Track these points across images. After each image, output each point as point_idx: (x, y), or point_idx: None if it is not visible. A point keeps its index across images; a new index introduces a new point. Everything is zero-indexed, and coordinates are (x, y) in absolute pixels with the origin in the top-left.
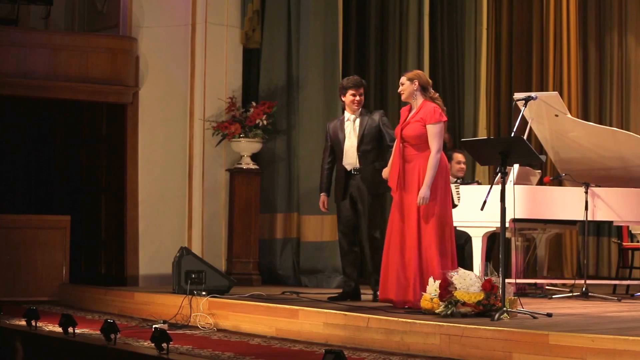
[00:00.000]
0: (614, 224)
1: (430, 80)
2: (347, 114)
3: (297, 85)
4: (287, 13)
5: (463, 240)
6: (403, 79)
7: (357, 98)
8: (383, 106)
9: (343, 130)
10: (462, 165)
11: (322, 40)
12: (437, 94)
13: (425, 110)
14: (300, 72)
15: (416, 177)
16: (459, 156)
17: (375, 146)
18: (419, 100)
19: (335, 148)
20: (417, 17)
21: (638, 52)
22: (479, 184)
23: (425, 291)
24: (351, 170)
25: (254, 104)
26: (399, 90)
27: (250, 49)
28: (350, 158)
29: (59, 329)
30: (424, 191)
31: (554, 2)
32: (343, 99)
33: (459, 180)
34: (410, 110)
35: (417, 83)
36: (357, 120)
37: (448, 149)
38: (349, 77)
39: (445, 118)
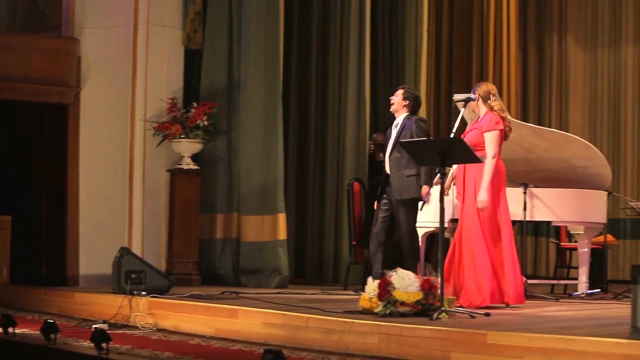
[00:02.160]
0: (552, 224)
1: (491, 90)
2: (396, 119)
3: (238, 86)
4: (228, 14)
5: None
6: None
7: (391, 99)
8: (323, 106)
9: (390, 135)
10: None
11: (264, 42)
12: (498, 103)
13: (485, 119)
14: (242, 73)
15: (472, 183)
16: None
17: (406, 154)
18: (483, 110)
19: None
20: (359, 18)
21: (577, 53)
22: None
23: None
24: (388, 175)
25: (195, 104)
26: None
27: (192, 50)
28: (387, 164)
29: None
30: (482, 195)
31: (494, 3)
32: None
33: None
34: (477, 120)
35: (478, 95)
36: (398, 127)
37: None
38: None
39: (501, 127)
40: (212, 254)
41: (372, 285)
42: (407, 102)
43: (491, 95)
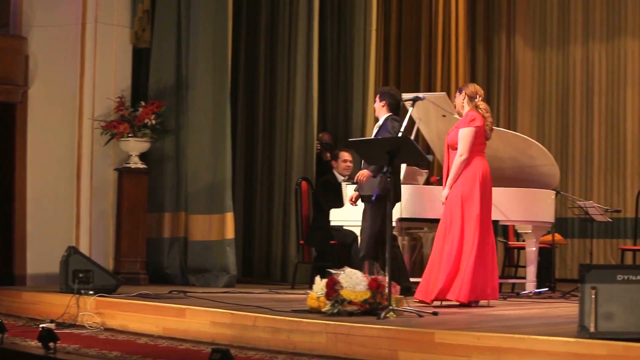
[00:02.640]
0: (500, 223)
1: (478, 91)
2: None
3: (186, 85)
4: (177, 13)
5: (350, 240)
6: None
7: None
8: (271, 106)
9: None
10: (349, 164)
11: (212, 41)
12: (484, 103)
13: (464, 117)
14: (190, 72)
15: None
16: (345, 155)
17: None
18: (466, 109)
19: None
20: (307, 17)
21: (526, 53)
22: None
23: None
24: None
25: (143, 103)
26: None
27: (140, 49)
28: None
29: None
30: (444, 191)
31: (442, 3)
32: None
33: (349, 180)
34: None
35: (464, 94)
36: (378, 128)
37: (330, 147)
38: None
39: (478, 124)
40: (160, 253)
41: (319, 284)
42: (384, 102)
43: (478, 96)
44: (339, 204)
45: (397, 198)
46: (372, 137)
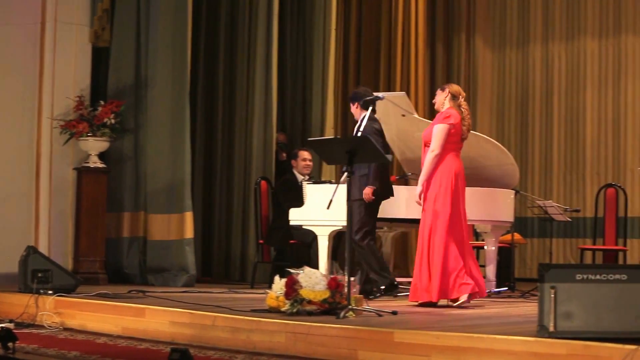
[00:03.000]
0: None
1: (461, 92)
2: None
3: (145, 85)
4: (136, 12)
5: (310, 239)
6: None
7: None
8: (230, 105)
9: None
10: (308, 162)
11: (171, 40)
12: (465, 103)
13: (440, 114)
14: (149, 71)
15: (436, 182)
16: (304, 154)
17: None
18: (446, 106)
19: None
20: (267, 17)
21: (485, 53)
22: (332, 183)
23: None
24: None
25: (102, 102)
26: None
27: (100, 48)
28: None
29: None
30: (417, 188)
31: (402, 3)
32: None
33: (310, 180)
34: None
35: (447, 91)
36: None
37: (286, 147)
38: None
39: (452, 122)
40: (119, 252)
41: (279, 284)
42: (356, 103)
43: (460, 96)
44: (299, 203)
45: (390, 192)
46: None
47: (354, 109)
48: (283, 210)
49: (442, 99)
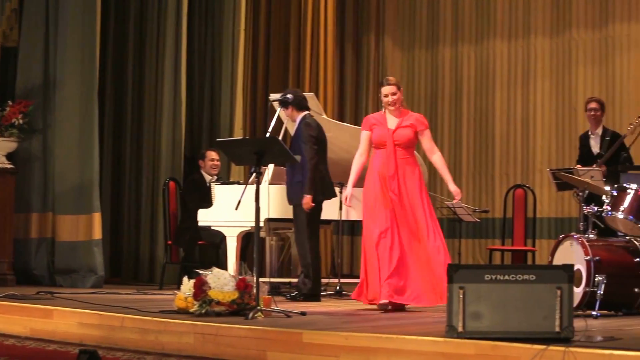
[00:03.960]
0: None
1: None
2: None
3: (54, 85)
4: (45, 12)
5: (218, 240)
6: (395, 88)
7: None
8: (139, 106)
9: None
10: (216, 163)
11: (80, 40)
12: None
13: (414, 117)
14: (58, 71)
15: (414, 181)
16: (212, 154)
17: None
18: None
19: None
20: (176, 17)
21: (395, 54)
22: (240, 184)
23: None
24: None
25: (10, 103)
26: (395, 98)
27: (8, 48)
28: None
29: None
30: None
31: (312, 3)
32: None
33: (218, 180)
34: (386, 116)
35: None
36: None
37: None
38: None
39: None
40: (27, 253)
41: (187, 285)
42: (291, 107)
43: None
44: (206, 204)
45: (331, 193)
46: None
47: (290, 112)
48: (191, 211)
49: (401, 97)
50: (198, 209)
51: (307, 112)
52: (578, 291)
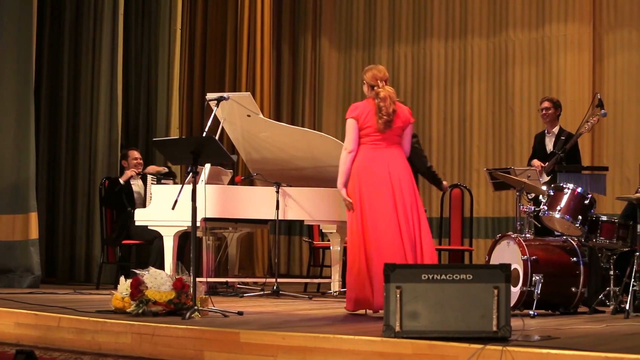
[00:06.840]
0: (305, 223)
1: (375, 77)
2: None
3: None
4: None
5: (151, 237)
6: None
7: None
8: (75, 105)
9: None
10: (139, 161)
11: (16, 39)
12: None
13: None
14: None
15: (407, 181)
16: (134, 153)
17: None
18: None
19: None
20: (112, 17)
21: (331, 54)
22: (170, 169)
23: None
24: None
25: None
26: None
27: None
28: None
29: None
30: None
31: (248, 3)
32: None
33: (154, 179)
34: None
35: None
36: None
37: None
38: None
39: (352, 115)
40: None
41: (124, 285)
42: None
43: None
44: (118, 205)
45: None
46: None
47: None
48: (120, 210)
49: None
50: (109, 208)
51: None
52: (515, 291)
